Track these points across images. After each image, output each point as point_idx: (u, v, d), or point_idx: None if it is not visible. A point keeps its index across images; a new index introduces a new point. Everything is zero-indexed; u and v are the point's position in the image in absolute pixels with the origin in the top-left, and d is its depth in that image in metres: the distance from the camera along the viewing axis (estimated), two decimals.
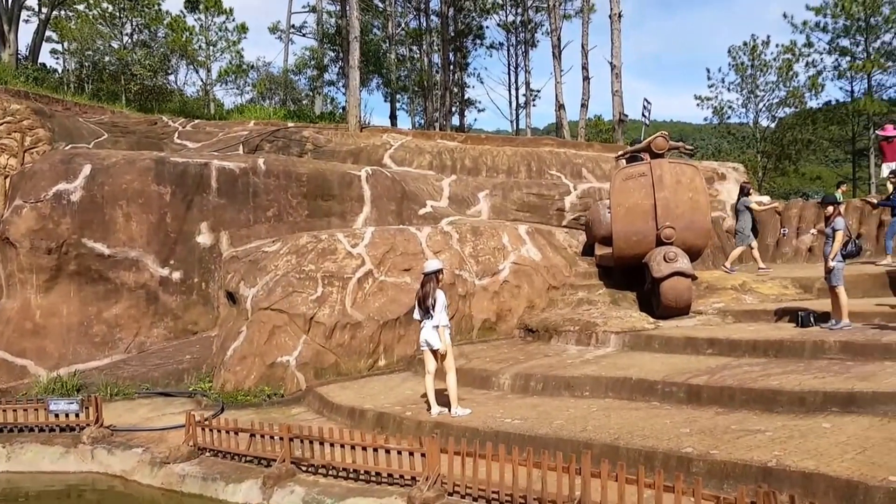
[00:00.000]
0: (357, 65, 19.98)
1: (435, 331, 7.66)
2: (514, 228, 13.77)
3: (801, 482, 5.03)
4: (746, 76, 31.19)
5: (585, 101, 24.65)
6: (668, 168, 11.74)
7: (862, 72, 27.43)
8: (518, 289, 12.53)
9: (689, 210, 11.55)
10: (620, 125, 23.12)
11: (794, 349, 8.39)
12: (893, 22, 26.36)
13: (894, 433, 5.70)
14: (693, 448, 5.82)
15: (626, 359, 9.31)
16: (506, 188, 16.61)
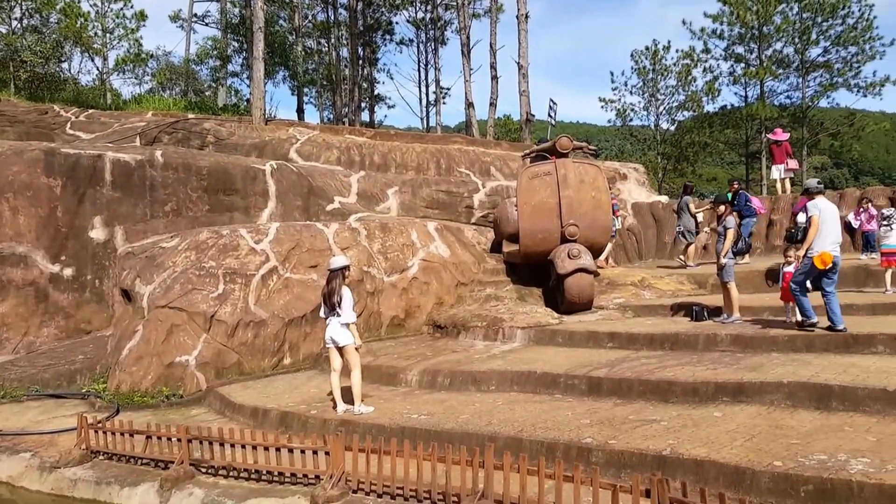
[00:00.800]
0: (261, 56, 19.38)
1: (341, 328, 7.50)
2: (423, 225, 13.75)
3: (694, 469, 5.22)
4: (648, 80, 32.43)
5: (494, 100, 24.93)
6: (573, 167, 12.05)
7: (755, 78, 28.97)
8: (427, 285, 12.52)
9: (592, 208, 11.90)
10: (528, 125, 23.55)
11: (688, 342, 8.77)
12: (784, 31, 28.06)
13: (779, 421, 6.02)
14: (593, 438, 5.95)
15: (532, 353, 9.46)
16: (415, 185, 16.57)
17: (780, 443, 5.39)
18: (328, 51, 34.46)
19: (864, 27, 26.67)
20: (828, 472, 4.71)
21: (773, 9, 27.33)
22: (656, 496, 4.16)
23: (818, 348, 7.80)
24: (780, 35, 28.25)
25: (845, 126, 30.36)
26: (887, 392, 5.98)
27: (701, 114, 32.09)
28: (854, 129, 30.14)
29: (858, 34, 26.78)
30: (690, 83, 31.46)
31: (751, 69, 28.91)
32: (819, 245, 7.89)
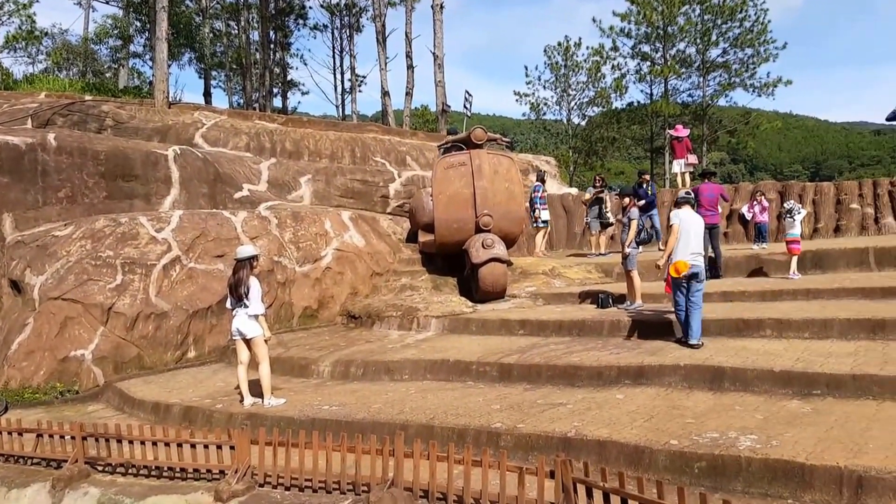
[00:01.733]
0: (165, 37, 18.49)
1: (248, 319, 7.30)
2: (337, 214, 13.57)
3: (597, 449, 5.41)
4: (560, 75, 33.25)
5: (410, 90, 24.91)
6: (487, 158, 12.18)
7: (660, 76, 30.26)
8: (341, 275, 12.38)
9: (506, 199, 12.08)
10: (443, 115, 23.67)
11: (594, 328, 9.07)
12: (687, 32, 29.42)
13: (676, 402, 6.33)
14: (502, 423, 6.06)
15: (445, 342, 9.53)
16: (329, 173, 16.31)
17: (676, 422, 5.66)
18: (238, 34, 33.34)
19: (759, 30, 28.33)
20: (719, 449, 4.98)
21: (676, 10, 28.55)
22: (560, 477, 4.28)
23: (713, 332, 8.22)
24: (684, 35, 29.60)
25: (741, 124, 32.26)
26: (774, 373, 6.39)
27: (610, 110, 33.19)
28: (749, 127, 32.05)
29: (754, 37, 28.42)
30: (600, 80, 32.47)
31: (656, 67, 30.13)
32: (678, 254, 7.88)
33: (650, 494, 3.97)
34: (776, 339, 7.76)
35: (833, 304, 8.71)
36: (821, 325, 7.72)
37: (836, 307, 8.38)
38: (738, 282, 10.94)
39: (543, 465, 4.41)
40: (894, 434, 4.95)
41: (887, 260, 10.55)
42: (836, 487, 4.46)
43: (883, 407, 5.66)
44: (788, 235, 11.01)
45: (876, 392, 5.92)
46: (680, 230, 7.89)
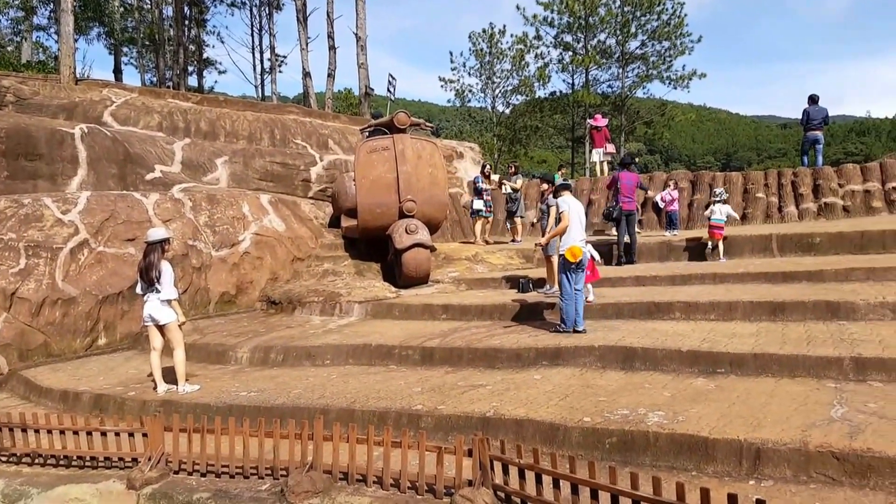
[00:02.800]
0: (71, 9, 17.40)
1: (161, 305, 7.09)
2: (255, 198, 13.26)
3: (514, 428, 5.55)
4: (485, 62, 33.45)
5: (332, 71, 24.45)
6: (411, 143, 12.18)
7: (581, 66, 30.86)
8: (260, 260, 12.13)
9: (429, 185, 12.12)
10: (367, 98, 23.41)
11: (514, 312, 9.25)
12: (607, 23, 30.13)
13: (590, 381, 6.55)
14: (423, 405, 6.12)
15: (368, 327, 9.52)
16: (247, 155, 15.85)
17: (589, 400, 5.87)
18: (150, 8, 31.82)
19: (675, 24, 29.31)
20: (629, 425, 5.20)
21: (598, 0, 29.18)
22: (477, 455, 4.37)
23: (626, 315, 8.56)
24: (604, 26, 30.30)
25: (658, 115, 33.39)
26: (681, 353, 6.70)
27: (533, 98, 33.61)
28: (665, 119, 33.24)
29: (671, 30, 29.41)
30: (524, 68, 32.81)
31: (577, 57, 30.72)
32: (568, 240, 7.99)
33: (563, 469, 4.12)
34: (685, 321, 8.14)
35: (738, 287, 9.20)
36: (726, 307, 8.15)
37: (740, 291, 8.85)
38: (651, 267, 11.40)
39: (462, 444, 4.50)
40: (790, 409, 5.30)
41: (789, 246, 11.22)
42: (737, 459, 4.74)
43: (781, 384, 6.03)
44: (714, 220, 11.61)
45: (775, 370, 6.30)
46: (570, 216, 8.08)
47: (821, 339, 6.78)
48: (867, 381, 5.89)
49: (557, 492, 4.11)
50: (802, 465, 4.54)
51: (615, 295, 9.43)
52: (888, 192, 13.66)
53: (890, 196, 13.60)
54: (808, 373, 6.15)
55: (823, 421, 4.98)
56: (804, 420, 5.02)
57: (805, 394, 5.66)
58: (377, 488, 4.76)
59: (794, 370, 6.20)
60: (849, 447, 4.50)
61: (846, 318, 7.53)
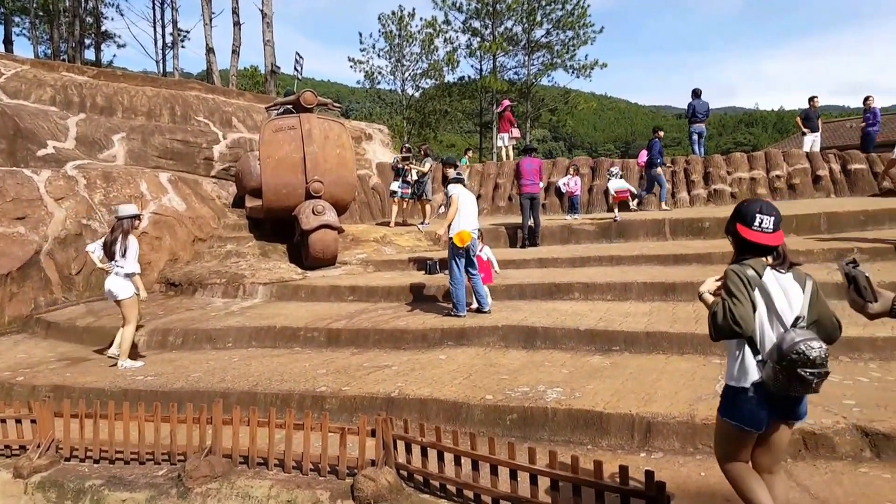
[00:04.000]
0: None
1: (122, 280, 7.26)
2: (154, 176, 12.65)
3: (419, 407, 5.62)
4: (395, 45, 33.19)
5: (237, 48, 23.58)
6: (317, 123, 11.94)
7: (489, 52, 31.20)
8: (159, 241, 11.60)
9: (337, 165, 11.95)
10: (273, 76, 22.75)
11: (421, 293, 9.34)
12: (514, 11, 30.53)
13: (493, 360, 6.71)
14: (327, 387, 6.09)
15: (273, 309, 9.33)
16: (146, 132, 15.08)
17: (492, 379, 6.03)
18: None
19: (579, 14, 30.10)
20: (529, 402, 5.38)
21: None
22: (380, 435, 4.41)
23: (529, 296, 8.82)
24: (511, 14, 30.68)
25: (561, 103, 34.28)
26: (579, 331, 6.98)
27: (442, 83, 33.68)
28: (568, 107, 34.19)
29: (575, 20, 30.16)
30: (433, 52, 32.81)
31: (485, 43, 30.99)
32: (457, 225, 8.03)
33: (464, 447, 4.22)
34: (583, 301, 8.47)
35: (633, 269, 9.64)
36: (622, 288, 8.54)
37: (635, 272, 9.29)
38: (553, 249, 11.76)
39: (365, 424, 4.52)
40: (679, 384, 5.64)
41: (680, 230, 11.85)
42: (629, 433, 5.00)
43: (671, 360, 6.40)
44: (617, 187, 13.11)
45: (665, 347, 6.68)
46: (459, 201, 8.10)
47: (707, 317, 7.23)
48: None
49: (459, 468, 4.21)
50: (689, 437, 4.84)
51: (519, 276, 9.67)
52: (772, 179, 14.66)
53: (773, 184, 14.60)
54: (695, 350, 6.55)
55: (709, 395, 5.33)
56: (691, 394, 5.35)
57: (693, 370, 6.03)
58: (279, 471, 4.71)
59: (683, 347, 6.59)
60: None
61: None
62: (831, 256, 9.20)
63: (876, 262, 8.84)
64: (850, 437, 4.54)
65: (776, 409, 3.04)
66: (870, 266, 8.53)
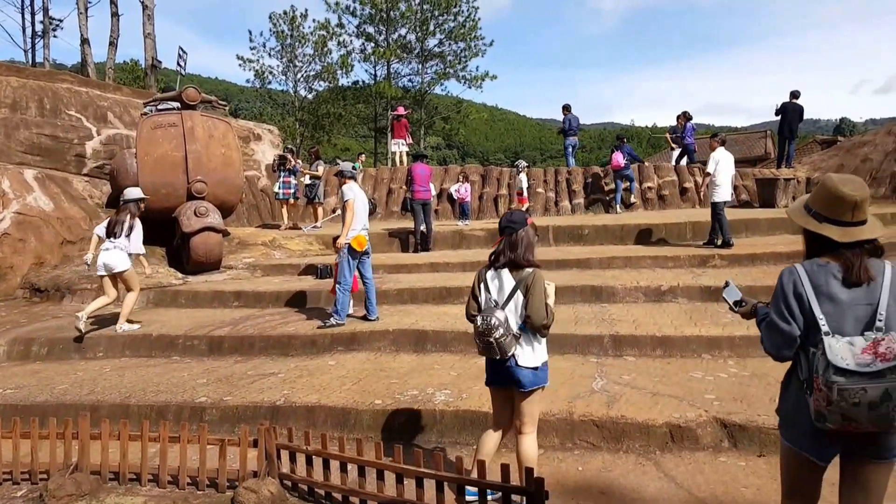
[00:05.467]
0: None
1: (121, 253, 7.80)
2: (18, 173, 11.68)
3: (306, 415, 5.50)
4: (286, 45, 32.39)
5: (115, 40, 22.17)
6: (201, 121, 11.47)
7: (383, 58, 31.12)
8: (23, 243, 10.70)
9: (222, 165, 11.51)
10: (153, 71, 21.59)
11: (312, 298, 9.16)
12: (408, 19, 30.61)
13: (384, 364, 6.68)
14: (207, 397, 5.84)
15: (150, 315, 8.84)
16: (10, 125, 13.84)
17: (382, 383, 5.99)
18: None
19: (470, 26, 30.67)
20: (418, 405, 5.39)
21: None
22: (263, 445, 4.26)
23: (420, 300, 8.86)
24: (405, 22, 30.78)
25: (454, 112, 34.81)
26: (468, 334, 7.05)
27: (336, 86, 33.25)
28: (461, 116, 34.77)
29: (466, 32, 30.71)
30: (326, 55, 32.33)
31: (379, 49, 30.91)
32: (355, 229, 7.70)
33: (350, 453, 4.16)
34: None
35: None
36: None
37: None
38: (444, 254, 11.89)
39: (246, 434, 4.36)
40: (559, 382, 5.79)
41: (563, 237, 12.32)
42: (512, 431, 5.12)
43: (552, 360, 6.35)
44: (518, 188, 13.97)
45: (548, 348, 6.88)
46: (355, 205, 7.78)
47: (586, 319, 7.56)
48: (623, 356, 6.67)
49: (345, 475, 4.15)
50: (568, 434, 5.03)
51: (411, 281, 9.70)
52: (644, 191, 15.55)
53: (645, 194, 15.50)
54: (575, 350, 6.82)
55: (586, 392, 5.56)
56: (570, 392, 5.56)
57: (572, 368, 6.27)
58: (153, 486, 4.46)
59: (563, 348, 6.84)
60: (606, 415, 5.07)
61: (607, 300, 8.46)
62: (696, 262, 9.89)
63: (734, 267, 9.61)
64: (710, 430, 4.88)
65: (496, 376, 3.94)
66: (728, 271, 9.25)
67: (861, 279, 2.37)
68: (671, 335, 6.77)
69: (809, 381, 2.39)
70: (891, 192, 14.10)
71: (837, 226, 2.45)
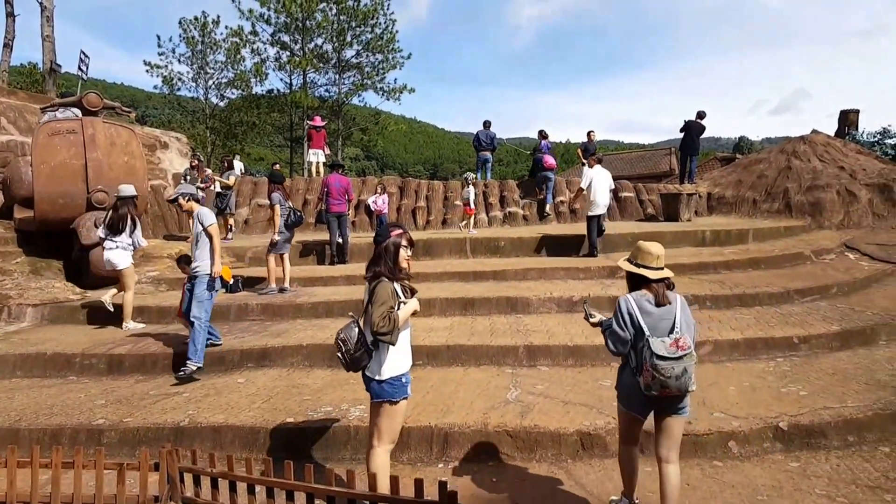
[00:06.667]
0: None
1: (122, 251, 8.43)
2: None
3: (212, 435, 5.28)
4: (197, 51, 31.34)
5: (10, 41, 20.81)
6: (103, 128, 10.92)
7: (298, 67, 30.53)
8: None
9: (125, 174, 10.97)
10: (52, 75, 20.42)
11: (220, 313, 8.81)
12: (324, 29, 30.20)
13: (297, 380, 6.51)
14: (106, 419, 5.51)
15: (44, 333, 8.30)
16: None
17: (294, 400, 5.84)
18: None
19: (388, 39, 30.63)
20: (332, 421, 5.29)
21: (314, 5, 29.19)
22: (165, 468, 4.05)
23: (336, 313, 8.71)
24: (321, 31, 30.39)
25: (372, 123, 34.65)
26: None
27: (249, 94, 32.42)
28: (379, 127, 34.63)
29: (384, 44, 30.65)
30: (239, 62, 31.52)
31: (295, 58, 30.39)
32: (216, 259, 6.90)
33: (258, 473, 4.00)
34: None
35: (437, 286, 9.92)
36: (426, 304, 8.70)
37: (438, 289, 9.56)
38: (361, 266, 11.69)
39: (147, 458, 4.12)
40: (474, 394, 5.87)
41: (480, 249, 12.44)
42: (428, 445, 5.10)
43: (469, 371, 6.65)
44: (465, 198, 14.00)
45: (464, 359, 6.94)
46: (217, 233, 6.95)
47: (502, 330, 7.64)
48: (537, 366, 6.78)
49: (253, 497, 3.99)
50: (483, 445, 5.06)
51: (326, 294, 9.54)
52: (557, 204, 15.96)
53: (558, 208, 15.91)
54: (491, 361, 6.89)
55: (501, 403, 5.61)
56: (485, 403, 5.60)
57: (488, 380, 6.31)
58: None
59: (479, 359, 6.89)
60: (520, 425, 5.12)
61: (522, 311, 8.60)
62: (605, 274, 10.22)
63: None
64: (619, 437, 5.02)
65: None
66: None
67: (664, 302, 3.74)
68: (582, 345, 6.94)
69: (639, 367, 3.71)
70: (784, 207, 15.06)
71: (648, 270, 3.79)
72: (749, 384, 6.04)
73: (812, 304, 8.71)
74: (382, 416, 3.92)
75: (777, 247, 11.92)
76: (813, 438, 5.01)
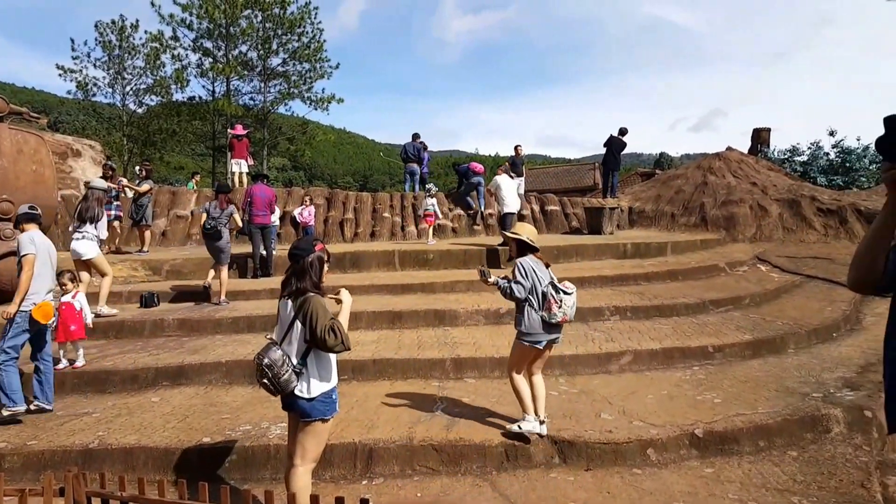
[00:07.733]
0: None
1: (89, 241, 8.72)
2: None
3: (124, 457, 5.02)
4: (114, 56, 30.11)
5: None
6: (9, 135, 10.29)
7: (222, 75, 29.75)
8: None
9: (32, 183, 10.38)
10: None
11: (134, 329, 8.48)
12: (249, 36, 29.59)
13: (215, 399, 6.29)
14: (8, 442, 5.16)
15: None
16: None
17: (212, 419, 5.63)
18: None
19: (315, 48, 30.30)
20: (250, 441, 5.12)
21: (239, 12, 28.59)
22: (71, 493, 3.81)
23: (258, 328, 8.48)
24: (246, 39, 29.78)
25: (300, 133, 34.13)
26: None
27: (169, 101, 31.37)
28: (307, 137, 34.14)
29: (311, 53, 30.28)
30: (159, 68, 30.45)
31: (218, 65, 29.64)
32: (39, 292, 5.93)
33: (171, 497, 3.83)
34: None
35: (364, 298, 9.81)
36: (353, 317, 8.57)
37: (365, 301, 9.46)
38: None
39: (52, 482, 3.87)
40: (400, 409, 5.81)
41: (408, 261, 12.40)
42: (352, 462, 5.01)
43: (395, 385, 6.59)
44: (426, 209, 14.11)
45: (391, 373, 6.87)
46: (38, 260, 5.92)
47: (429, 343, 7.63)
48: (464, 378, 6.80)
49: None
50: (408, 460, 5.00)
51: (248, 308, 9.29)
52: (485, 217, 16.13)
53: (487, 220, 16.07)
54: (417, 374, 6.85)
55: (427, 417, 5.58)
56: (411, 417, 5.55)
57: (414, 393, 6.27)
58: None
59: (406, 372, 6.85)
60: (445, 438, 5.11)
61: (450, 324, 8.61)
62: None
63: None
64: (542, 447, 5.08)
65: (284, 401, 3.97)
66: None
67: (547, 266, 5.20)
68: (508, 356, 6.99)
69: (543, 303, 4.99)
70: (700, 221, 15.73)
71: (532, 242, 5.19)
72: (667, 392, 6.23)
73: (726, 314, 9.10)
74: (310, 435, 3.82)
75: (694, 259, 12.42)
76: (726, 444, 5.20)
